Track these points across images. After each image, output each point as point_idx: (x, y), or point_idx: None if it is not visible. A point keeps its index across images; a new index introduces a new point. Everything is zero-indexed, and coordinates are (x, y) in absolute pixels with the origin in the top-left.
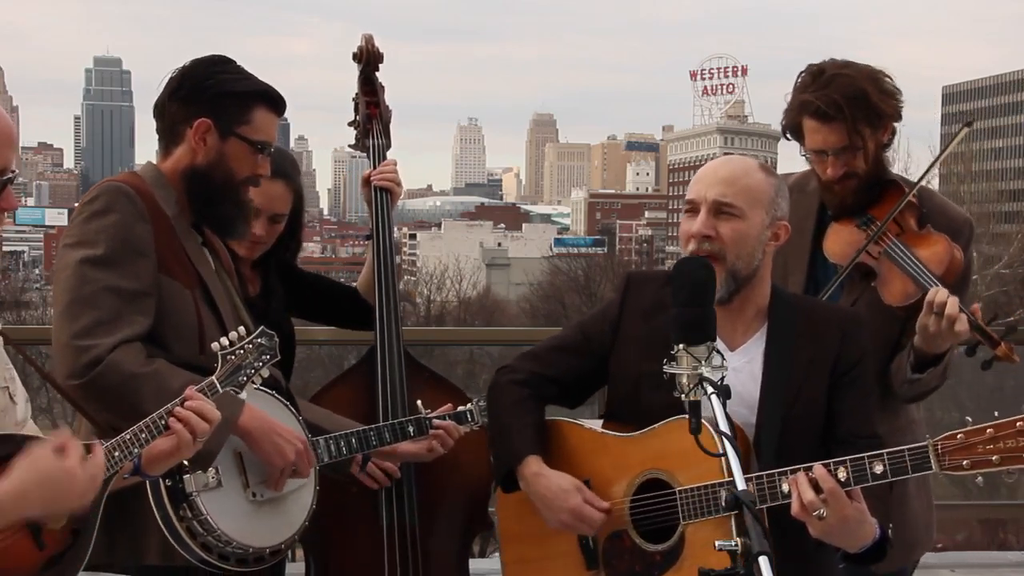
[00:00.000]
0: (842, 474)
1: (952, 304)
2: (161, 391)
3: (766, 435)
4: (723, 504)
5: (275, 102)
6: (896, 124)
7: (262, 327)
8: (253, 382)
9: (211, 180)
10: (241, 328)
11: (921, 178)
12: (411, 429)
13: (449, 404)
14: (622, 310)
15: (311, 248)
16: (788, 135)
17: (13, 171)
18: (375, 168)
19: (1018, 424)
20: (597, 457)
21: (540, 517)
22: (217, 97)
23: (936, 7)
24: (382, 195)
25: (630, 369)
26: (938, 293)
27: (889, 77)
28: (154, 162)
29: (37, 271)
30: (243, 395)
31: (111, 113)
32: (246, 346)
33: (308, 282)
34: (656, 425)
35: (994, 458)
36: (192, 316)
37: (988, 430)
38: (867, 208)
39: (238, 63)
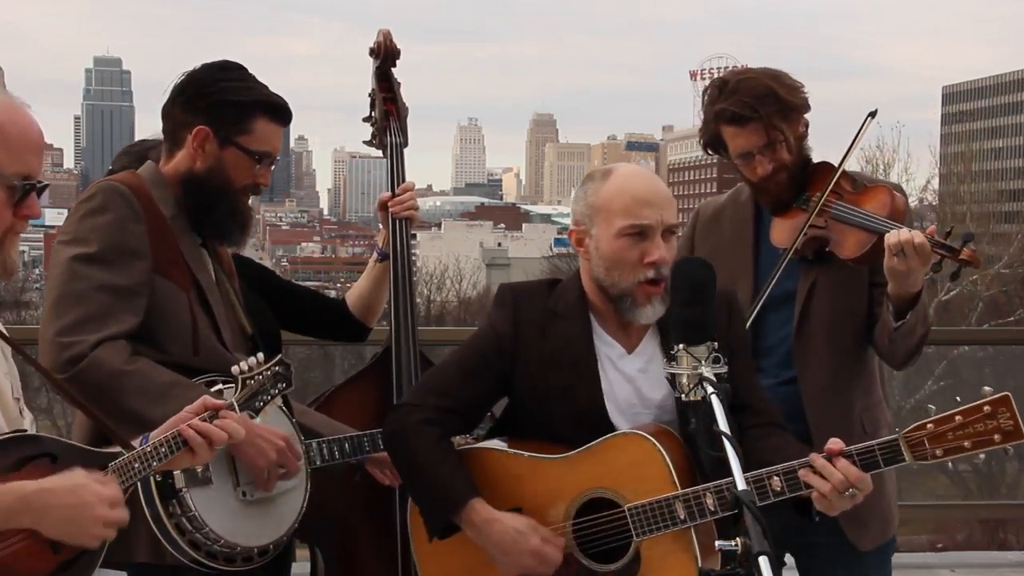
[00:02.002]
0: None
1: (906, 231)
2: (144, 389)
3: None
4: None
5: (278, 112)
6: (807, 116)
7: (280, 356)
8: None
9: (208, 187)
10: (260, 355)
11: (845, 156)
12: None
13: None
14: (516, 324)
15: (311, 248)
16: (709, 150)
17: (39, 180)
18: (392, 170)
19: (985, 408)
20: (525, 483)
21: (466, 558)
22: (217, 105)
23: (936, 7)
24: (402, 222)
25: (536, 386)
26: (892, 234)
27: (788, 75)
28: (154, 163)
29: (37, 271)
30: (258, 420)
31: (111, 113)
32: (265, 372)
33: (293, 293)
34: (592, 444)
35: (966, 443)
36: (186, 317)
37: (956, 417)
38: (802, 192)
39: (247, 70)
